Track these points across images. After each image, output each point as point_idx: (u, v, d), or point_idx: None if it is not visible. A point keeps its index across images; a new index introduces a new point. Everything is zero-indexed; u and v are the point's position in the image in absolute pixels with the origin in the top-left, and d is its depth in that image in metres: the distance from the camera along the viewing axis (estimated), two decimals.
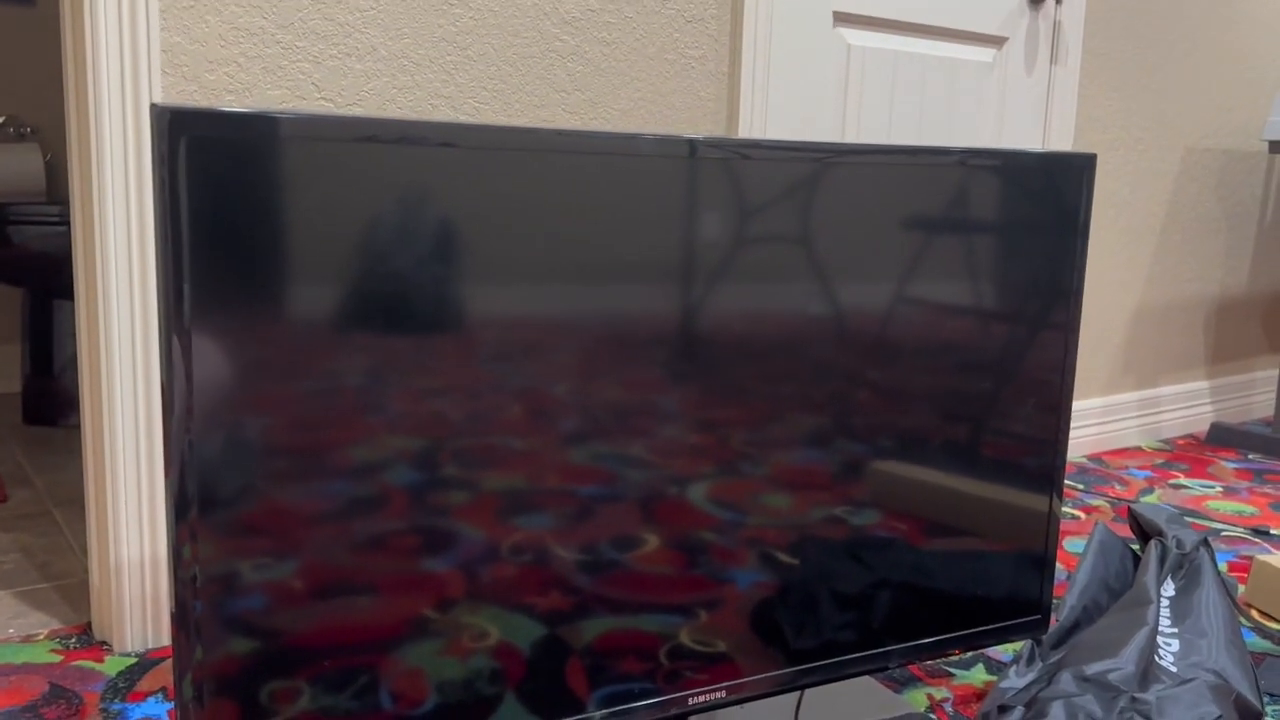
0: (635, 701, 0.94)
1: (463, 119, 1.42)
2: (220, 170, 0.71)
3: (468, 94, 1.42)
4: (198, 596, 0.75)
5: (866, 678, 1.21)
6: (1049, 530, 1.16)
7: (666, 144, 0.87)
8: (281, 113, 0.73)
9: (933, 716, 1.12)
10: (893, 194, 1.00)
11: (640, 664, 0.94)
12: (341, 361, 0.78)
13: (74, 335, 2.30)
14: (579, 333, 0.87)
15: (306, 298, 0.76)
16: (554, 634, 0.90)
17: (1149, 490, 2.10)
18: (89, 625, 1.33)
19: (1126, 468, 2.26)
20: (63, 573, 1.49)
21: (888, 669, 1.09)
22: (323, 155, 0.75)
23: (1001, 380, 1.10)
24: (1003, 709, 1.04)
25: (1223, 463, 2.33)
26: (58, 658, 1.24)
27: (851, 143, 0.97)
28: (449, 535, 0.84)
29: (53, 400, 2.29)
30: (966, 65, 1.98)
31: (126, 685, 1.18)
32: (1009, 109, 2.06)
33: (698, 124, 1.65)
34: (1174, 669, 1.10)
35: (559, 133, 0.82)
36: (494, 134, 0.81)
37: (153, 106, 0.70)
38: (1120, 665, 1.04)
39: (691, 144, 0.88)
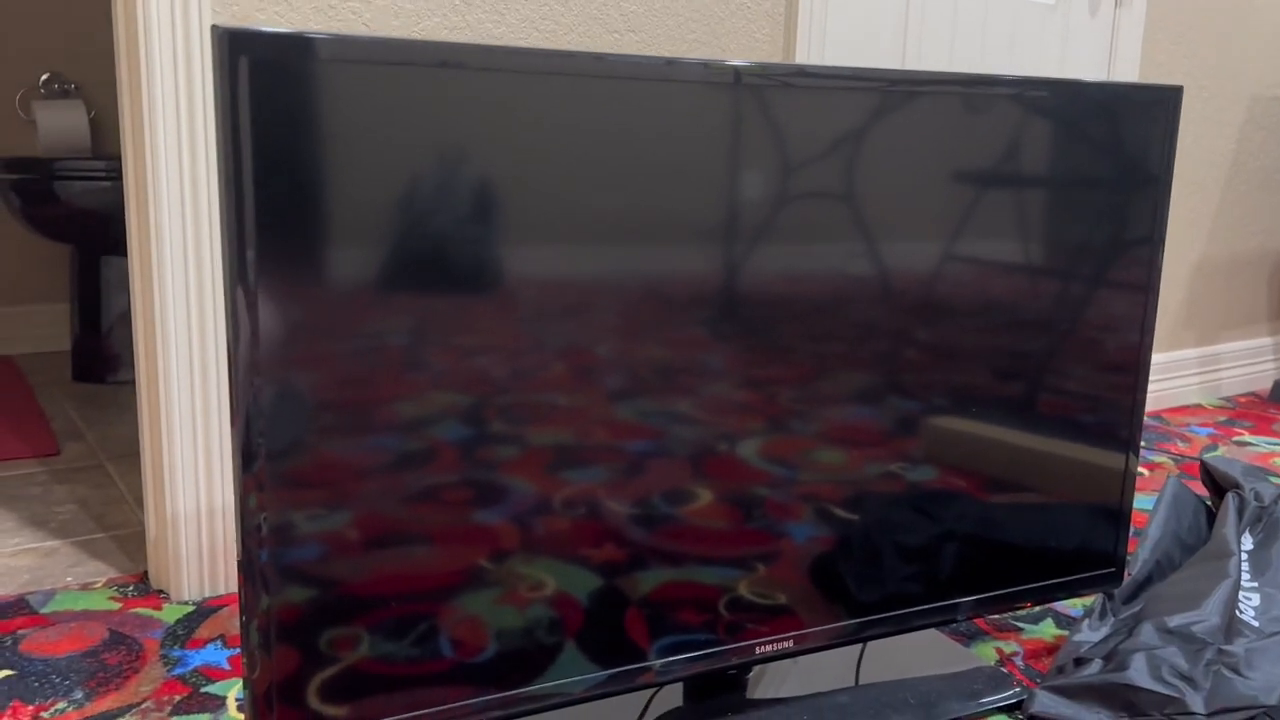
0: (697, 650, 0.92)
1: None
2: (281, 96, 0.69)
3: (518, 34, 1.39)
4: (263, 545, 0.74)
5: (933, 631, 1.18)
6: (1124, 484, 1.12)
7: (710, 70, 0.83)
8: (346, 36, 0.70)
9: (1004, 670, 1.09)
10: (957, 130, 0.96)
11: (699, 615, 0.92)
12: (408, 306, 0.75)
13: (121, 293, 2.31)
14: (624, 278, 0.84)
15: (370, 233, 0.73)
16: (611, 585, 0.88)
17: (1213, 447, 2.04)
18: (145, 574, 1.33)
19: (1188, 425, 2.20)
20: (118, 523, 1.49)
21: (956, 622, 1.06)
22: (389, 81, 0.72)
23: (1080, 335, 1.05)
24: (1079, 661, 1.01)
25: None
26: (116, 605, 1.24)
27: (914, 70, 0.93)
28: (505, 489, 0.82)
29: (101, 358, 2.30)
30: (1029, 6, 1.91)
31: (185, 632, 1.18)
32: (1071, 52, 1.99)
33: None
34: (1255, 623, 1.06)
35: (597, 57, 0.79)
36: (553, 59, 0.77)
37: (213, 28, 0.67)
38: (1203, 617, 1.00)
39: (736, 71, 0.84)
